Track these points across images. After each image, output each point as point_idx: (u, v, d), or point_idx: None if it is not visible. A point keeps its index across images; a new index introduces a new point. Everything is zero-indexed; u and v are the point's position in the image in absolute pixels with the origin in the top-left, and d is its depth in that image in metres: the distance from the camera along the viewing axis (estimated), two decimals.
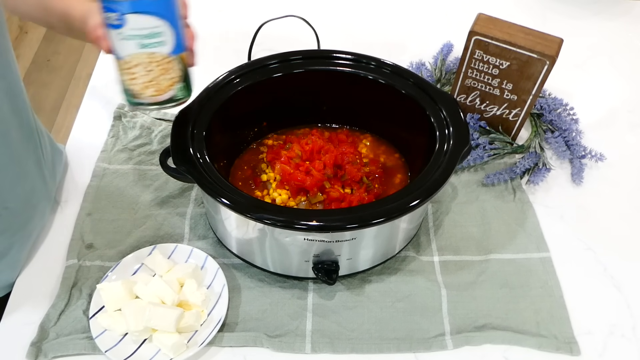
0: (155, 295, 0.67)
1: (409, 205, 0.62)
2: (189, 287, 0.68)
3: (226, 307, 0.67)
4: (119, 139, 0.88)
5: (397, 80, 0.76)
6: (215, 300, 0.69)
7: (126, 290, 0.67)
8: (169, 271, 0.71)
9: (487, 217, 0.80)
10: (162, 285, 0.67)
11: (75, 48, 2.32)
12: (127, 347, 0.65)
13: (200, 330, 0.66)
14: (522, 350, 0.67)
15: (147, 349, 0.65)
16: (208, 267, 0.71)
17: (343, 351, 0.66)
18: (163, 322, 0.64)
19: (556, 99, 0.93)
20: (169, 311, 0.65)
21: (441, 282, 0.72)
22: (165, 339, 0.64)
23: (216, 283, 0.70)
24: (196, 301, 0.67)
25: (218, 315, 0.67)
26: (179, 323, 0.65)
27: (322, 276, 0.68)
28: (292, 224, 0.60)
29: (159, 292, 0.67)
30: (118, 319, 0.66)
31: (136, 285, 0.68)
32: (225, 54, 1.02)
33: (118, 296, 0.66)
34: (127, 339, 0.65)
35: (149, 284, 0.68)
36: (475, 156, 0.85)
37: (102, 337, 0.65)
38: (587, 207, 0.82)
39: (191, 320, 0.65)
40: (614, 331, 0.69)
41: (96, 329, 0.65)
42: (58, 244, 0.75)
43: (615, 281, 0.74)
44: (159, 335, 0.64)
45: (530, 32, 0.79)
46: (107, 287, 0.67)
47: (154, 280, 0.68)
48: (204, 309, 0.68)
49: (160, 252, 0.72)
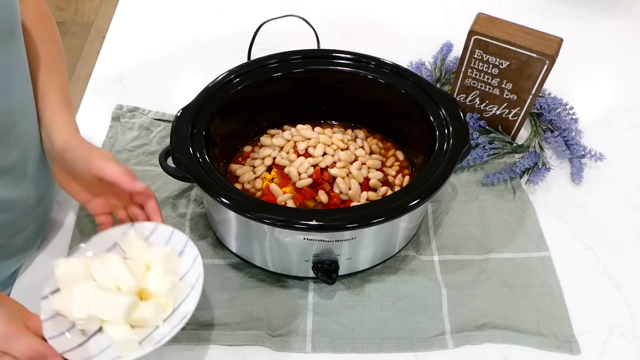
0: (111, 278, 0.58)
1: (408, 205, 0.62)
2: (153, 274, 0.59)
3: (196, 302, 0.57)
4: (118, 140, 0.88)
5: (396, 79, 0.76)
6: (186, 293, 0.59)
7: (84, 270, 0.58)
8: (138, 253, 0.62)
9: (486, 217, 0.80)
10: (120, 267, 0.57)
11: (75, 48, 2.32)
12: (73, 337, 0.56)
13: (162, 327, 0.57)
14: (522, 349, 0.67)
15: (96, 342, 0.56)
16: (187, 253, 0.62)
17: (343, 350, 0.66)
18: (109, 311, 0.55)
19: (556, 99, 0.93)
20: (117, 298, 0.55)
21: (441, 282, 0.72)
22: (114, 331, 0.55)
23: (191, 273, 0.60)
24: (158, 291, 0.58)
25: (184, 311, 0.57)
26: (132, 314, 0.56)
27: (322, 276, 0.68)
28: (291, 223, 0.60)
29: (115, 275, 0.57)
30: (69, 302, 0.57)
31: (94, 264, 0.59)
32: (225, 53, 1.02)
33: (75, 276, 0.58)
34: (77, 329, 0.57)
35: (107, 264, 0.58)
36: (475, 156, 0.85)
37: (51, 322, 0.56)
38: (587, 206, 0.82)
39: (149, 312, 0.56)
40: (613, 331, 0.69)
41: (46, 311, 0.57)
42: (58, 245, 0.75)
43: (615, 281, 0.74)
44: (109, 327, 0.56)
45: (530, 32, 0.79)
46: (63, 264, 0.58)
47: (112, 260, 0.58)
48: (169, 301, 0.58)
49: (136, 231, 0.63)
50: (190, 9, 1.13)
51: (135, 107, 0.92)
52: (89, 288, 0.56)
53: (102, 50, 1.03)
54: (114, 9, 1.13)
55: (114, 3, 1.16)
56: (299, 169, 0.73)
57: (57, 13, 2.46)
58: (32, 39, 0.68)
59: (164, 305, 0.58)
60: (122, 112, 0.91)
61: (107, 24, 1.10)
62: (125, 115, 0.91)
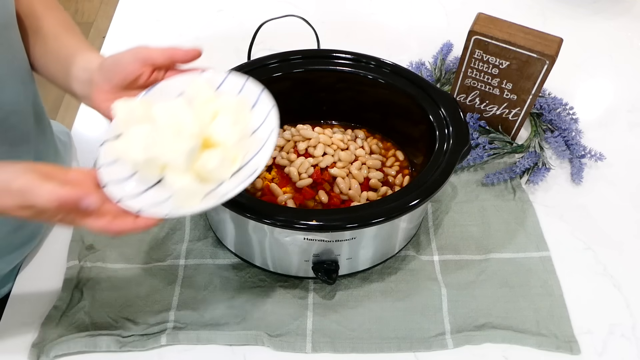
0: (173, 122, 0.51)
1: (408, 205, 0.62)
2: (220, 122, 0.52)
3: (267, 157, 0.51)
4: None
5: (396, 79, 0.76)
6: (257, 148, 0.52)
7: (145, 113, 0.53)
8: (206, 101, 0.55)
9: (486, 217, 0.80)
10: (183, 111, 0.51)
11: None
12: (131, 185, 0.51)
13: (229, 182, 0.51)
14: (522, 349, 0.67)
15: (156, 192, 0.51)
16: (260, 105, 0.55)
17: (344, 350, 0.66)
18: (169, 153, 0.49)
19: (556, 99, 0.93)
20: (179, 140, 0.49)
21: (441, 282, 0.72)
22: (175, 179, 0.50)
23: (264, 128, 0.53)
24: (225, 140, 0.51)
25: (254, 166, 0.51)
26: (195, 162, 0.50)
27: (322, 276, 0.68)
28: (291, 223, 0.60)
29: (178, 119, 0.51)
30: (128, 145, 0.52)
31: (156, 106, 0.53)
32: (225, 53, 1.02)
33: (134, 118, 0.53)
34: (136, 178, 0.52)
35: (169, 106, 0.53)
36: (475, 156, 0.85)
37: (108, 168, 0.51)
38: (587, 206, 0.82)
39: (213, 162, 0.50)
40: (613, 330, 0.69)
41: (106, 156, 0.52)
42: (58, 245, 0.75)
43: (615, 281, 0.74)
44: (169, 176, 0.50)
45: (530, 32, 0.79)
46: (124, 106, 0.53)
47: (177, 103, 0.53)
48: (237, 154, 0.52)
49: (205, 78, 0.57)
50: (190, 9, 1.13)
51: None
52: (148, 129, 0.51)
53: (102, 50, 1.03)
54: (114, 9, 1.13)
55: (114, 3, 1.16)
56: (299, 169, 0.73)
57: None
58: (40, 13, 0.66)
59: (230, 158, 0.52)
60: None
61: (107, 24, 1.10)
62: None
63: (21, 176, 0.47)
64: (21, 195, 0.47)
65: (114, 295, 0.70)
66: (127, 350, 0.65)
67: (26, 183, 0.47)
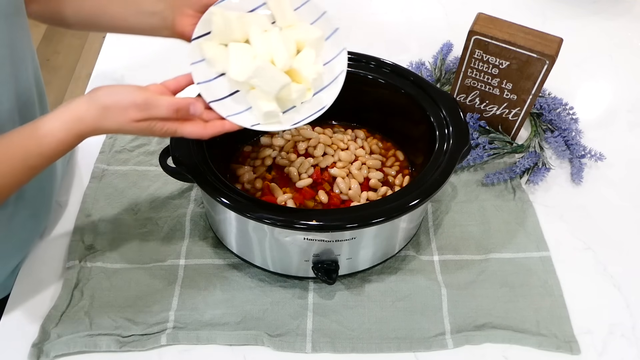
0: (267, 50, 0.59)
1: (408, 205, 0.62)
2: (305, 57, 0.59)
3: (336, 95, 0.59)
4: (118, 140, 0.88)
5: (396, 79, 0.76)
6: (327, 82, 0.60)
7: (240, 27, 0.59)
8: (290, 27, 0.61)
9: (486, 217, 0.80)
10: (278, 42, 0.58)
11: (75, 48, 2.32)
12: (218, 89, 0.59)
13: (298, 108, 0.59)
14: (522, 349, 0.67)
15: (237, 101, 0.59)
16: (334, 41, 0.61)
17: (343, 350, 0.66)
18: (266, 85, 0.57)
19: (556, 99, 0.93)
20: (278, 76, 0.57)
21: (441, 282, 0.72)
22: (261, 102, 0.58)
23: (336, 63, 0.61)
24: (307, 76, 0.59)
25: (324, 101, 0.59)
26: (280, 92, 0.58)
27: (322, 276, 0.68)
28: (291, 223, 0.60)
29: (272, 48, 0.58)
30: (222, 54, 0.59)
31: (252, 28, 0.59)
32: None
33: (229, 29, 0.59)
34: (221, 81, 0.60)
35: (265, 35, 0.59)
36: (475, 156, 0.85)
37: (198, 65, 0.59)
38: (587, 206, 0.82)
39: (294, 94, 0.58)
40: (613, 331, 0.69)
41: (195, 54, 0.59)
42: (58, 245, 0.75)
43: (615, 281, 0.74)
44: (256, 96, 0.58)
45: (530, 32, 0.79)
46: (221, 14, 0.59)
47: (272, 32, 0.59)
48: (311, 87, 0.60)
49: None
50: None
51: None
52: (248, 53, 0.58)
53: (102, 50, 1.03)
54: None
55: None
56: (299, 169, 0.73)
57: None
58: None
59: (305, 90, 0.59)
60: None
61: None
62: None
63: (140, 92, 0.56)
64: (145, 106, 0.55)
65: (113, 295, 0.70)
66: (127, 350, 0.65)
67: (148, 96, 0.55)
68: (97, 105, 0.55)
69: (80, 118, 0.54)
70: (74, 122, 0.54)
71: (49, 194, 0.76)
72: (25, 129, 0.55)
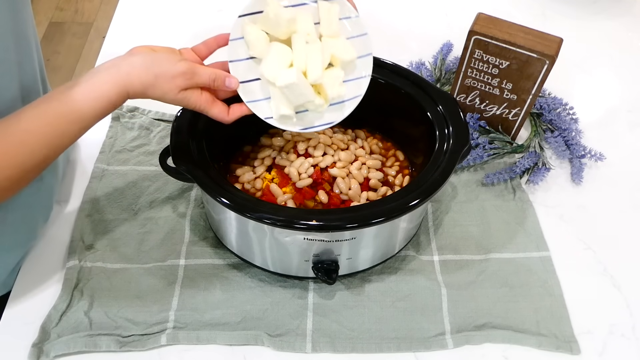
0: (304, 58, 0.64)
1: (408, 205, 0.62)
2: (334, 76, 0.65)
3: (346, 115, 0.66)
4: (118, 140, 0.88)
5: (396, 79, 0.76)
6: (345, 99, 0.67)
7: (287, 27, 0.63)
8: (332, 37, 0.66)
9: (486, 217, 0.80)
10: (317, 56, 0.63)
11: (75, 48, 2.32)
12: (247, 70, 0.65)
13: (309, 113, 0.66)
14: (522, 349, 0.67)
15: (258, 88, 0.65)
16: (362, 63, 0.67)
17: (343, 350, 0.66)
18: (293, 96, 0.63)
19: (556, 99, 0.93)
20: (306, 91, 0.63)
21: (441, 282, 0.72)
22: (281, 105, 0.64)
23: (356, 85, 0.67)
24: (330, 94, 0.65)
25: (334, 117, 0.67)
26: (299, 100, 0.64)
27: (322, 276, 0.68)
28: (291, 223, 0.60)
29: (309, 60, 0.63)
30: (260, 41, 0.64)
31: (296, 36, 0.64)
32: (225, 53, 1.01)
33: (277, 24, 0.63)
34: (250, 64, 0.65)
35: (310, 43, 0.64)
36: (475, 156, 0.85)
37: (236, 42, 0.65)
38: (587, 206, 0.82)
39: (312, 106, 0.65)
40: (613, 330, 0.69)
41: (237, 30, 0.65)
42: (58, 245, 0.75)
43: (615, 281, 0.74)
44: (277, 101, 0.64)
45: (530, 32, 0.79)
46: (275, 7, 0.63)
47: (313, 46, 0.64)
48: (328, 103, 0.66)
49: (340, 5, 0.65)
50: (190, 9, 1.13)
51: (135, 107, 0.92)
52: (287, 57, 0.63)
53: (102, 50, 1.03)
54: (114, 9, 1.13)
55: (114, 3, 1.16)
56: (299, 169, 0.73)
57: (57, 13, 2.46)
58: None
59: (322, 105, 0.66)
60: (122, 112, 0.91)
61: (107, 24, 1.10)
62: (125, 115, 0.91)
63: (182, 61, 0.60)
64: (191, 75, 0.60)
65: (113, 295, 0.70)
66: (127, 350, 0.65)
67: (190, 64, 0.61)
68: (150, 73, 0.58)
69: (132, 83, 0.58)
70: (125, 86, 0.58)
71: (49, 194, 0.76)
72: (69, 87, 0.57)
